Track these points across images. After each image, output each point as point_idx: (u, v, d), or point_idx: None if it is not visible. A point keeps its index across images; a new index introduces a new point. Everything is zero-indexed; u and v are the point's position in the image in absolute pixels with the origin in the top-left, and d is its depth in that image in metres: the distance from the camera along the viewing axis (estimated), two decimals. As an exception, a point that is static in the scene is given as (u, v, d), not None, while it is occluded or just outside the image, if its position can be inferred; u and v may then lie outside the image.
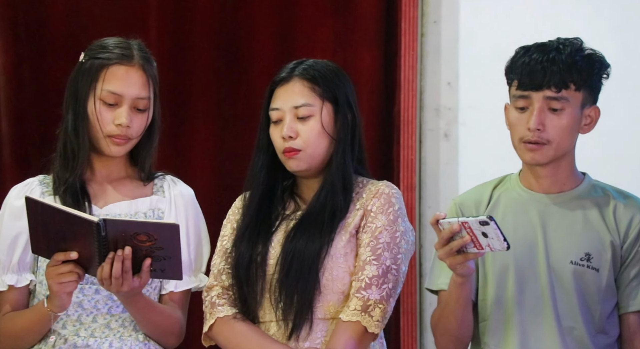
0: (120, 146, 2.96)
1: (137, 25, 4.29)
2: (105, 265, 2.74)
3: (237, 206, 3.04)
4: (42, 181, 3.02)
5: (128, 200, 3.00)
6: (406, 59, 4.35)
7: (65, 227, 2.72)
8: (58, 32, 4.30)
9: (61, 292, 2.79)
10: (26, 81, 4.29)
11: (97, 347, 2.91)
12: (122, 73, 2.95)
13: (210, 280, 2.99)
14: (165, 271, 2.77)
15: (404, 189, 4.28)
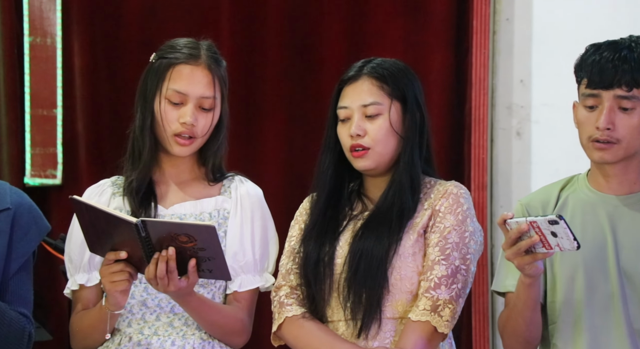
0: (184, 147, 2.97)
1: (209, 26, 4.32)
2: (151, 265, 2.75)
3: (305, 207, 3.04)
4: (115, 183, 3.05)
5: (193, 200, 3.01)
6: (478, 57, 4.32)
7: (111, 227, 2.74)
8: (133, 34, 4.35)
9: (113, 291, 2.81)
10: (102, 82, 4.35)
11: (160, 345, 2.93)
12: (188, 72, 2.97)
13: (278, 280, 2.99)
14: (213, 271, 2.77)
15: (474, 188, 4.25)
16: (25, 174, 4.28)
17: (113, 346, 2.95)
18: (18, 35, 4.34)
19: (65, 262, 3.03)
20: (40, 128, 4.30)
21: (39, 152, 4.30)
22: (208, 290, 2.97)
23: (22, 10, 4.36)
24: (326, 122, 3.00)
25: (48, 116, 4.32)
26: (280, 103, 4.37)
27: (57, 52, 4.33)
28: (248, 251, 2.99)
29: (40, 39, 4.34)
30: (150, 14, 4.36)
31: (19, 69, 4.31)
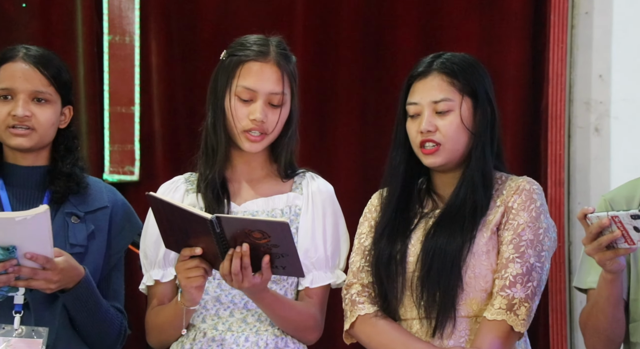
0: (255, 143, 2.98)
1: (284, 23, 4.33)
2: (225, 261, 2.76)
3: (374, 204, 3.03)
4: (188, 179, 3.07)
5: (265, 197, 3.02)
6: (555, 52, 4.27)
7: (186, 224, 2.75)
8: (208, 33, 4.38)
9: (189, 286, 2.82)
10: (177, 80, 4.39)
11: (234, 341, 2.94)
12: (257, 69, 2.97)
13: (349, 278, 2.99)
14: (287, 268, 2.77)
15: (551, 185, 4.20)
16: (104, 171, 4.35)
17: (188, 342, 2.97)
18: (98, 34, 4.40)
19: (140, 258, 3.06)
20: (119, 126, 4.36)
21: (117, 149, 4.36)
22: (280, 286, 2.98)
23: (102, 9, 4.42)
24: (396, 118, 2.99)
25: (126, 113, 4.38)
26: (354, 100, 4.36)
27: (135, 50, 4.39)
28: (320, 247, 2.99)
29: (119, 38, 4.40)
30: (226, 12, 4.39)
31: (99, 67, 4.38)
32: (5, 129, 2.92)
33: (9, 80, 2.92)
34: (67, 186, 2.94)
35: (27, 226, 2.69)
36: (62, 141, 2.99)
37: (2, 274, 2.73)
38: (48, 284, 2.78)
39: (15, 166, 2.97)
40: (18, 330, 2.83)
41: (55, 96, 2.95)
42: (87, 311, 2.88)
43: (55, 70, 2.96)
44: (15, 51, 2.96)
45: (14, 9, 4.41)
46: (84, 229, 2.92)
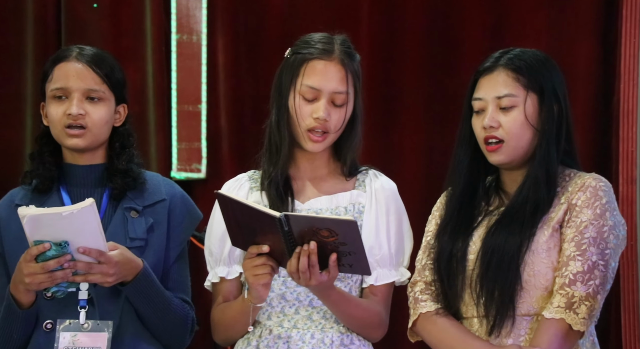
0: (317, 143, 2.97)
1: (349, 21, 4.34)
2: (293, 259, 2.75)
3: (442, 202, 3.01)
4: (251, 177, 3.08)
5: (329, 195, 3.01)
6: (627, 47, 4.21)
7: (254, 221, 2.75)
8: (274, 31, 4.40)
9: (256, 284, 2.82)
10: (243, 78, 4.41)
11: (299, 338, 2.94)
12: (321, 67, 2.97)
13: (414, 276, 2.97)
14: (354, 266, 2.76)
15: (622, 182, 4.14)
16: (172, 168, 4.39)
17: (254, 339, 2.98)
18: (166, 33, 4.44)
19: (205, 255, 3.07)
20: (186, 124, 4.40)
21: (184, 147, 4.39)
22: (345, 284, 2.97)
23: (170, 8, 4.46)
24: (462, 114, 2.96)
25: (193, 111, 4.41)
26: (420, 97, 4.34)
27: (202, 49, 4.42)
28: (384, 245, 2.98)
29: (187, 37, 4.43)
30: (292, 10, 4.40)
31: (167, 66, 4.42)
32: (62, 129, 2.94)
33: (63, 79, 2.95)
34: (124, 182, 2.96)
35: (74, 221, 2.71)
36: (118, 139, 3.01)
37: (59, 270, 2.75)
38: (105, 277, 2.80)
39: (74, 166, 2.99)
40: (84, 325, 2.86)
41: (108, 94, 2.97)
42: (149, 303, 2.90)
43: (109, 68, 2.97)
44: (69, 51, 2.99)
45: (85, 9, 4.46)
46: (143, 223, 2.94)
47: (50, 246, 2.72)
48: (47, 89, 2.98)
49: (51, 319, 2.88)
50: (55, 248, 2.73)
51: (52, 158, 2.99)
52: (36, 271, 2.74)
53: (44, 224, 2.71)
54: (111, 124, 2.99)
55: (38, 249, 2.73)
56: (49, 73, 2.97)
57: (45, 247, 2.73)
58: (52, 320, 2.88)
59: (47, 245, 2.72)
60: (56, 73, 2.96)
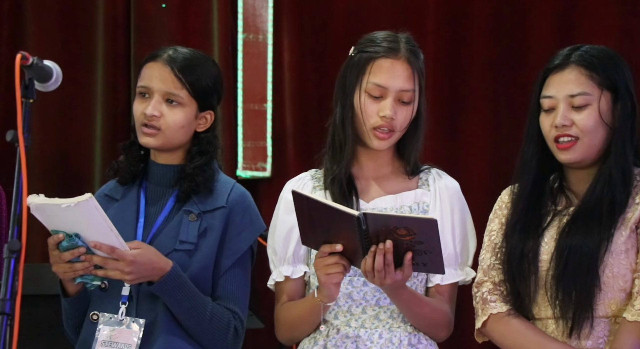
0: (383, 140, 2.96)
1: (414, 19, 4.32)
2: (368, 258, 2.75)
3: (504, 201, 2.98)
4: (314, 176, 3.08)
5: (393, 194, 3.00)
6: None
7: (329, 220, 2.75)
8: (339, 30, 4.40)
9: (328, 283, 2.82)
10: (309, 77, 4.42)
11: (368, 338, 2.94)
12: (388, 66, 2.96)
13: (479, 276, 2.95)
14: (428, 265, 2.75)
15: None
16: (237, 167, 4.41)
17: (321, 338, 2.97)
18: (232, 32, 4.47)
19: (268, 254, 3.08)
20: (252, 122, 4.42)
21: (250, 145, 4.42)
22: (411, 283, 2.96)
23: (237, 8, 4.49)
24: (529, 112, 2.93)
25: (259, 110, 4.43)
26: (486, 95, 4.32)
27: (268, 48, 4.44)
28: (449, 244, 2.97)
29: (253, 36, 4.46)
30: (357, 9, 4.41)
31: (233, 65, 4.44)
32: (139, 126, 2.98)
33: (148, 79, 2.98)
34: (190, 186, 2.98)
35: (75, 214, 2.74)
36: (197, 143, 3.03)
37: (77, 262, 2.80)
38: (122, 274, 2.82)
39: (154, 163, 3.03)
40: (122, 320, 2.90)
41: (188, 100, 2.98)
42: (178, 306, 2.90)
43: (195, 76, 2.98)
44: (161, 51, 3.01)
45: (154, 9, 4.51)
46: (196, 227, 2.96)
47: (64, 236, 2.77)
48: (137, 84, 3.02)
49: (97, 311, 2.93)
50: (67, 239, 2.77)
51: (139, 152, 3.03)
52: (57, 260, 2.80)
53: (49, 214, 2.76)
54: (190, 129, 3.00)
55: (53, 238, 2.79)
56: (140, 70, 3.02)
57: (60, 237, 2.78)
58: (98, 312, 2.93)
59: (61, 235, 2.78)
60: (144, 71, 3.00)
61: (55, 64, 2.57)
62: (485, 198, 3.77)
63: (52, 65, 2.56)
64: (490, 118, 4.32)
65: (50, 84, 2.56)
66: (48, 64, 2.55)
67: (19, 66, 2.47)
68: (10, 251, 2.36)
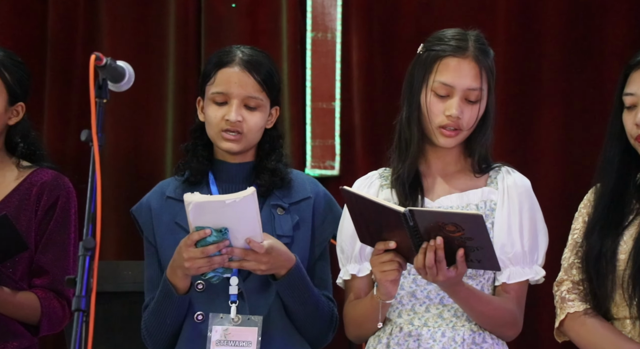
0: (449, 138, 2.96)
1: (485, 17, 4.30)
2: (419, 254, 2.74)
3: (589, 199, 2.95)
4: (382, 174, 3.09)
5: (459, 192, 3.00)
6: None
7: (379, 217, 2.76)
8: (409, 28, 4.39)
9: (384, 280, 2.83)
10: (377, 75, 4.42)
11: (430, 336, 2.94)
12: (455, 65, 2.95)
13: (560, 274, 2.94)
14: (482, 262, 2.74)
15: None
16: (306, 165, 4.43)
17: (384, 336, 2.98)
18: (301, 31, 4.48)
19: (337, 252, 3.10)
20: (320, 121, 4.43)
21: (318, 144, 4.43)
22: (477, 281, 2.96)
23: (306, 7, 4.50)
24: (611, 110, 2.89)
25: (327, 109, 4.44)
26: (558, 93, 4.28)
27: (337, 46, 4.45)
28: (517, 242, 2.95)
29: (322, 34, 4.47)
30: (426, 7, 4.39)
31: (301, 64, 4.46)
32: (219, 132, 3.02)
33: (225, 84, 3.01)
34: (271, 180, 3.02)
35: (236, 209, 2.79)
36: (268, 140, 3.07)
37: (217, 255, 2.83)
38: (259, 265, 2.87)
39: (225, 163, 3.06)
40: (235, 319, 2.93)
41: (265, 100, 3.03)
42: (299, 299, 2.95)
43: (267, 74, 3.03)
44: (231, 55, 3.04)
45: (224, 9, 4.54)
46: (289, 220, 3.00)
47: (211, 232, 2.81)
48: (208, 91, 3.05)
49: (202, 312, 2.96)
50: (215, 234, 2.81)
51: (205, 152, 3.06)
52: (196, 255, 2.82)
53: (207, 211, 2.80)
54: (264, 128, 3.05)
55: (199, 235, 2.82)
56: (210, 76, 3.05)
57: (207, 233, 2.81)
58: (203, 312, 2.96)
59: (208, 231, 2.81)
60: (219, 77, 3.02)
61: (128, 65, 2.60)
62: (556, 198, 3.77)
63: (124, 65, 2.59)
64: (561, 117, 4.28)
65: (123, 84, 2.60)
66: (121, 64, 2.58)
67: (93, 67, 2.50)
68: (85, 249, 2.40)
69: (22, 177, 3.28)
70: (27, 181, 3.27)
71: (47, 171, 3.30)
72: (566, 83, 4.28)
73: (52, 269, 3.23)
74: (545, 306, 2.98)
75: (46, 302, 3.21)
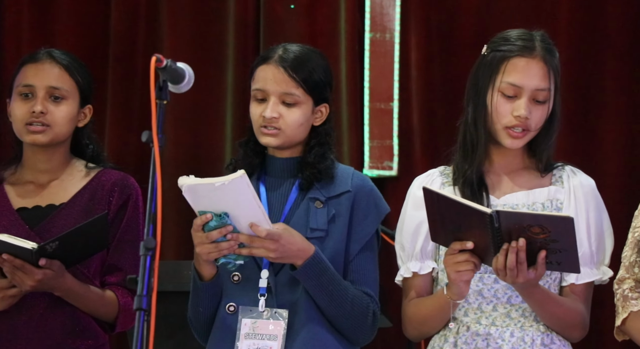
0: (517, 139, 2.95)
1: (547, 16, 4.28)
2: (500, 256, 2.73)
3: None
4: (443, 172, 3.08)
5: (525, 190, 2.98)
6: None
7: (460, 217, 2.75)
8: (468, 28, 4.38)
9: (458, 280, 2.82)
10: (436, 76, 4.42)
11: (499, 336, 2.92)
12: (523, 65, 2.94)
13: (621, 272, 2.91)
14: (562, 264, 2.72)
15: None
16: (364, 166, 4.43)
17: (451, 335, 2.97)
18: (359, 31, 4.49)
19: (396, 250, 3.10)
20: (378, 121, 4.43)
21: (376, 145, 4.43)
22: (544, 282, 2.93)
23: (364, 7, 4.51)
24: None
25: (385, 109, 4.44)
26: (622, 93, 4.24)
27: (395, 46, 4.45)
28: (584, 243, 2.93)
29: (380, 35, 4.47)
30: (485, 7, 4.38)
31: (359, 65, 4.47)
32: (258, 128, 3.02)
33: (262, 81, 3.01)
34: (312, 173, 3.01)
35: (227, 192, 2.77)
36: (315, 137, 3.06)
37: (224, 241, 2.83)
38: (267, 252, 2.85)
39: (274, 157, 3.07)
40: (263, 312, 2.93)
41: (304, 98, 3.01)
42: (322, 291, 2.92)
43: (307, 72, 3.01)
44: (271, 53, 3.05)
45: (283, 10, 4.56)
46: (325, 213, 2.99)
47: (212, 216, 2.80)
48: (251, 88, 3.06)
49: (234, 303, 2.97)
50: (215, 219, 2.80)
51: (257, 147, 3.07)
52: (202, 240, 2.83)
53: (201, 194, 2.80)
54: (308, 124, 3.04)
55: (201, 219, 2.82)
56: (253, 72, 3.06)
57: (207, 218, 2.81)
58: (235, 304, 2.96)
59: (209, 215, 2.81)
60: (257, 74, 3.03)
61: (188, 66, 2.62)
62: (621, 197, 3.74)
63: (184, 67, 2.61)
64: (625, 115, 4.25)
65: (182, 86, 2.61)
66: (181, 66, 2.60)
67: (153, 68, 2.51)
68: (146, 249, 2.42)
69: (90, 176, 3.32)
70: (96, 181, 3.31)
71: (114, 171, 3.34)
72: (629, 82, 4.25)
73: (125, 266, 3.27)
74: (610, 306, 2.96)
75: (123, 299, 3.25)
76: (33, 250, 3.04)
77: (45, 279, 3.09)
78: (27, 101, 3.27)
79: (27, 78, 3.28)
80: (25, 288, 3.11)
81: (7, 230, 3.20)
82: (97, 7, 4.69)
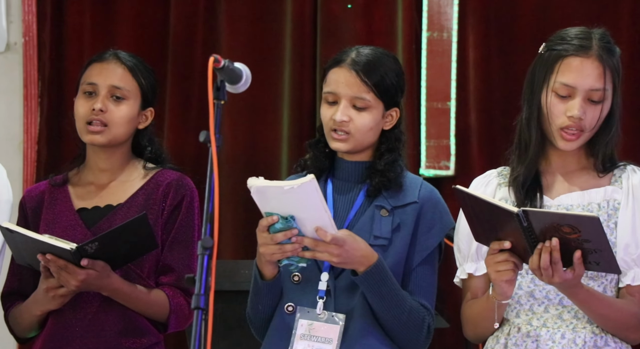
0: (570, 142, 2.92)
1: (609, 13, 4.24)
2: (534, 255, 2.72)
3: None
4: (500, 173, 3.06)
5: (580, 190, 2.96)
6: None
7: (493, 217, 2.74)
8: (527, 27, 4.35)
9: (499, 280, 2.80)
10: (494, 75, 4.39)
11: (549, 337, 2.90)
12: (577, 64, 2.90)
13: None
14: (601, 264, 2.69)
15: None
16: (420, 165, 4.42)
17: (502, 336, 2.96)
18: (416, 31, 4.48)
19: (454, 252, 3.09)
20: (435, 121, 4.42)
21: (433, 144, 4.42)
22: (599, 283, 2.91)
23: (422, 6, 4.50)
24: None
25: (442, 109, 4.43)
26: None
27: (453, 45, 4.44)
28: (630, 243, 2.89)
29: (437, 34, 4.46)
30: (545, 5, 4.35)
31: (417, 64, 4.46)
32: (329, 131, 3.03)
33: (334, 84, 3.01)
34: (380, 181, 3.01)
35: (296, 195, 2.78)
36: (385, 141, 3.05)
37: (288, 243, 2.84)
38: (330, 257, 2.85)
39: (342, 160, 3.07)
40: (320, 315, 2.94)
41: (375, 102, 3.00)
42: (381, 298, 2.92)
43: (379, 76, 3.00)
44: (344, 55, 3.04)
45: (339, 9, 4.57)
46: (389, 222, 2.98)
47: (278, 219, 2.81)
48: (323, 90, 3.07)
49: (292, 303, 2.97)
50: (282, 221, 2.81)
51: (327, 149, 3.07)
52: (267, 241, 2.83)
53: (269, 196, 2.80)
54: (378, 129, 3.03)
55: (267, 220, 2.82)
56: (326, 74, 3.06)
57: (274, 219, 2.81)
58: (294, 304, 2.97)
59: (275, 217, 2.81)
60: (329, 77, 3.03)
61: (245, 66, 2.63)
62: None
63: (242, 67, 2.62)
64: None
65: (240, 86, 2.62)
66: (238, 66, 2.61)
67: (211, 69, 2.53)
68: (203, 248, 2.43)
69: (147, 177, 3.35)
70: (153, 181, 3.33)
71: (171, 172, 3.36)
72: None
73: (178, 267, 3.28)
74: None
75: (174, 300, 3.27)
76: (72, 250, 3.07)
77: (89, 279, 3.12)
78: (89, 99, 3.31)
79: (91, 77, 3.33)
80: (71, 288, 3.14)
81: (67, 230, 3.25)
82: (156, 8, 4.73)
